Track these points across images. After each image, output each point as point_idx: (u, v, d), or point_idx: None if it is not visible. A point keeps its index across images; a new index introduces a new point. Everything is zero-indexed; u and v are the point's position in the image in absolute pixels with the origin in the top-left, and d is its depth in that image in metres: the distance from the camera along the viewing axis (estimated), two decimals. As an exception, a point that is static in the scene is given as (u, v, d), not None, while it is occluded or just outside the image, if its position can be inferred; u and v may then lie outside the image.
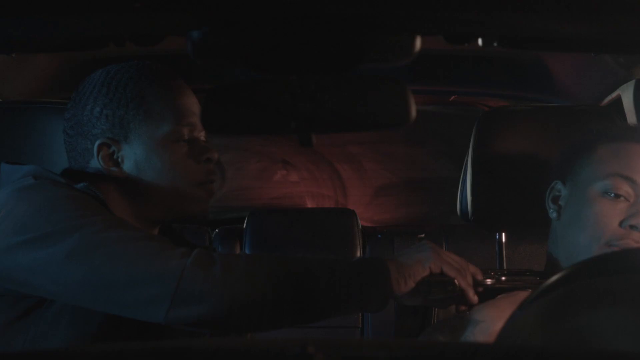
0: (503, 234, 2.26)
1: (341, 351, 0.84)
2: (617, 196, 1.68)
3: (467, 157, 2.12)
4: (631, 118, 2.27)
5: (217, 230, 3.58)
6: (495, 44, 1.44)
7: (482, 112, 2.88)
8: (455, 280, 1.67)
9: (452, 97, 3.42)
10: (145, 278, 1.50)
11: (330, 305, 1.58)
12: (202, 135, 1.78)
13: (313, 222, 3.53)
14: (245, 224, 3.50)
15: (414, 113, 1.51)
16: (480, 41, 1.43)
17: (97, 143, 1.71)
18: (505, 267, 2.32)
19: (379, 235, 3.62)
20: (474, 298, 1.70)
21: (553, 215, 1.81)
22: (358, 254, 3.47)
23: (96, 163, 1.71)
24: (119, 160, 1.71)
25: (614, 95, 2.40)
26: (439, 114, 4.01)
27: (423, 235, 3.55)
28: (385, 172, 4.25)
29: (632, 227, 1.68)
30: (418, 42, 1.35)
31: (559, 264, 1.79)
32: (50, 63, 2.74)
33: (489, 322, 1.82)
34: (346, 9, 1.27)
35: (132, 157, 1.70)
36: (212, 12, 1.29)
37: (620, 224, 1.68)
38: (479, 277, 1.72)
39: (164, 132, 1.70)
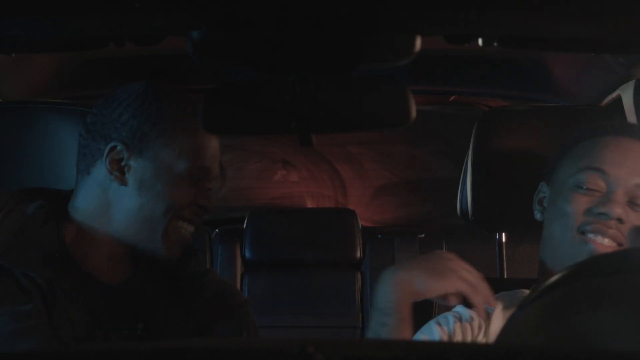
0: (503, 234, 2.26)
1: (341, 351, 0.84)
2: (589, 189, 1.71)
3: (467, 157, 2.12)
4: (631, 118, 2.27)
5: (217, 230, 3.58)
6: (495, 44, 1.44)
7: (482, 112, 2.88)
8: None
9: (452, 97, 3.42)
10: None
11: None
12: (212, 182, 1.75)
13: (313, 222, 3.53)
14: (245, 224, 3.50)
15: (414, 113, 1.51)
16: (480, 41, 1.43)
17: (110, 144, 1.69)
18: (505, 268, 2.32)
19: (379, 235, 3.63)
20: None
21: (537, 216, 1.84)
22: (358, 254, 3.47)
23: (102, 164, 1.70)
24: (125, 168, 1.69)
25: (614, 95, 2.40)
26: (439, 114, 4.01)
27: (423, 235, 3.56)
28: (385, 172, 4.26)
29: (600, 214, 1.70)
30: (418, 42, 1.35)
31: (547, 265, 1.79)
32: (50, 63, 2.74)
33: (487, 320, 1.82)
34: (346, 9, 1.27)
35: (139, 172, 1.68)
36: (212, 12, 1.30)
37: (590, 211, 1.70)
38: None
39: (180, 167, 1.68)
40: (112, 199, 1.69)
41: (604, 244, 1.69)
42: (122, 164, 1.68)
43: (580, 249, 1.71)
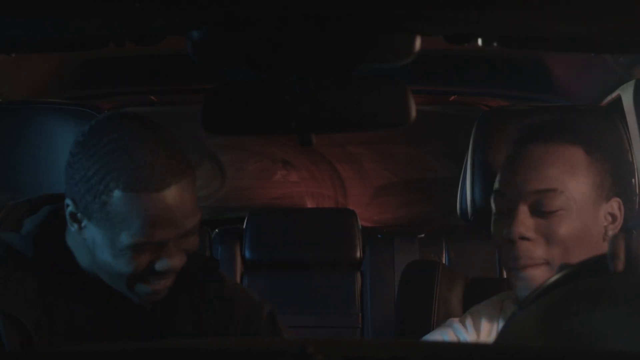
0: (503, 234, 2.26)
1: (341, 351, 0.84)
2: (500, 213, 1.70)
3: (467, 157, 2.12)
4: (631, 118, 2.27)
5: (217, 230, 3.58)
6: (495, 44, 1.44)
7: (482, 112, 2.88)
8: None
9: (452, 97, 3.42)
10: None
11: None
12: (179, 243, 1.57)
13: (313, 222, 3.53)
14: (245, 224, 3.50)
15: (414, 113, 1.51)
16: (480, 41, 1.43)
17: (66, 199, 1.58)
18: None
19: (379, 235, 3.63)
20: None
21: None
22: (358, 254, 3.47)
23: (67, 215, 1.60)
24: (82, 224, 1.57)
25: (614, 95, 2.40)
26: (439, 114, 4.01)
27: (423, 235, 3.56)
28: (385, 172, 4.26)
29: (507, 240, 1.67)
30: (418, 42, 1.35)
31: None
32: (50, 63, 2.75)
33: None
34: (346, 9, 1.27)
35: (90, 233, 1.57)
36: (212, 12, 1.30)
37: (504, 240, 1.68)
38: None
39: (122, 242, 1.53)
40: (85, 245, 1.61)
41: (529, 275, 1.65)
42: (79, 217, 1.57)
43: (513, 282, 1.68)
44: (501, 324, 1.79)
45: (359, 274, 3.49)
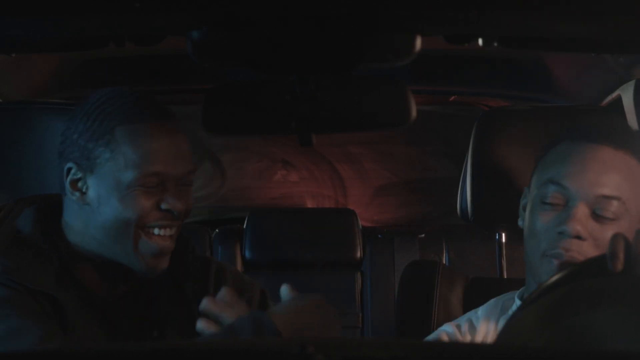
0: (503, 234, 2.26)
1: (341, 351, 0.84)
2: (552, 204, 1.67)
3: (467, 157, 2.12)
4: (631, 118, 2.27)
5: (217, 230, 3.58)
6: (495, 44, 1.44)
7: (482, 112, 2.88)
8: None
9: (452, 97, 3.42)
10: None
11: None
12: (182, 183, 1.68)
13: (313, 222, 3.53)
14: (245, 224, 3.50)
15: (414, 113, 1.52)
16: (480, 41, 1.43)
17: (66, 166, 1.67)
18: (505, 267, 2.32)
19: (379, 235, 3.62)
20: None
21: (520, 223, 1.79)
22: (358, 254, 3.47)
23: (66, 184, 1.68)
24: (84, 188, 1.66)
25: (614, 95, 2.40)
26: (439, 114, 4.01)
27: (423, 235, 3.55)
28: (385, 172, 4.25)
29: (559, 233, 1.66)
30: (418, 42, 1.36)
31: (529, 276, 1.77)
32: (50, 63, 2.75)
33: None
34: (346, 9, 1.27)
35: (95, 189, 1.65)
36: (212, 12, 1.30)
37: (551, 229, 1.67)
38: None
39: (127, 178, 1.63)
40: (85, 217, 1.67)
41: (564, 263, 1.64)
42: (80, 185, 1.66)
43: (545, 269, 1.67)
44: (501, 324, 1.79)
45: (359, 274, 3.48)
